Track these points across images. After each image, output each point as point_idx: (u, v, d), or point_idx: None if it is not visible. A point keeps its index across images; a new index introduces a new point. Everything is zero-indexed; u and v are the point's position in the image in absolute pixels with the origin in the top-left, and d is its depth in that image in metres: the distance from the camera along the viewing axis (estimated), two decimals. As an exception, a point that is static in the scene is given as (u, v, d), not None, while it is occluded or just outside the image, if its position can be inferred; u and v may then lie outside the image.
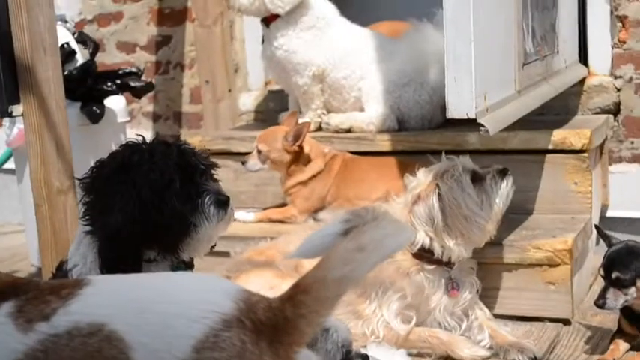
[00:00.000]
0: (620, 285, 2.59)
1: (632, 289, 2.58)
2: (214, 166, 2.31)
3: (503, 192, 2.89)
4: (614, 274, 2.59)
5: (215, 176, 2.31)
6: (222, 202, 2.23)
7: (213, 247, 2.37)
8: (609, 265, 2.62)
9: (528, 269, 3.07)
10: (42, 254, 3.19)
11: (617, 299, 2.60)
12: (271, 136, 3.62)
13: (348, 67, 3.89)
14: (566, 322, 3.03)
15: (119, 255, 2.12)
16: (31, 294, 1.54)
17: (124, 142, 2.30)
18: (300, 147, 3.57)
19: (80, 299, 1.50)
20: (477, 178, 2.88)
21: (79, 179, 2.27)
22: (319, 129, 3.91)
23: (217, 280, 1.60)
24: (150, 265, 2.19)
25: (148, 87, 4.20)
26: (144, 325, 1.43)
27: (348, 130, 3.84)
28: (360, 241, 1.43)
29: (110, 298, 1.51)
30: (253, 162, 3.60)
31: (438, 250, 2.83)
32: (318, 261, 1.45)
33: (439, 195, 2.82)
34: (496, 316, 2.99)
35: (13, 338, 1.49)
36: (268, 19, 3.92)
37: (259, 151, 3.58)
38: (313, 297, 1.42)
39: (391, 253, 1.49)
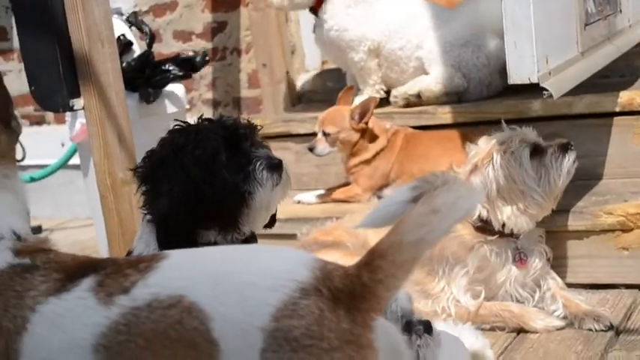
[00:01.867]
0: None
1: None
2: (257, 128, 2.29)
3: (564, 168, 2.85)
4: None
5: (261, 141, 2.29)
6: (275, 166, 2.21)
7: (272, 224, 2.37)
8: None
9: (600, 235, 3.03)
10: (110, 245, 3.26)
11: None
12: (338, 116, 3.61)
13: (403, 37, 3.88)
14: None
15: (174, 239, 2.12)
16: (109, 269, 1.56)
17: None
18: (367, 124, 3.57)
19: (158, 272, 1.52)
20: (537, 152, 2.85)
21: (132, 169, 2.30)
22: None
23: (292, 250, 1.62)
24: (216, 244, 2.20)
25: (203, 58, 4.15)
26: (222, 295, 1.45)
27: (418, 96, 3.81)
28: (434, 204, 1.43)
29: (188, 270, 1.53)
30: (322, 146, 3.60)
31: (495, 222, 2.82)
32: (393, 226, 1.45)
33: (493, 167, 2.80)
34: (569, 285, 2.97)
35: (96, 312, 1.51)
36: (315, 7, 3.94)
37: (326, 134, 3.58)
38: (390, 261, 1.42)
39: (465, 215, 1.49)
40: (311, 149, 3.61)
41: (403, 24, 3.89)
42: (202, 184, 2.14)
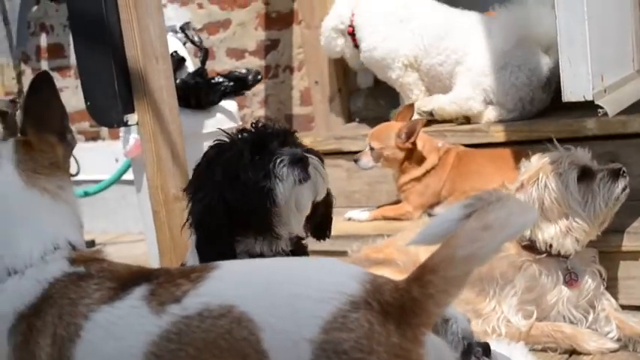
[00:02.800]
0: None
1: None
2: (289, 131, 2.28)
3: (613, 194, 2.79)
4: None
5: (297, 141, 2.28)
6: (296, 160, 2.17)
7: (327, 234, 2.37)
8: None
9: (656, 256, 2.98)
10: (161, 259, 3.30)
11: None
12: (384, 132, 3.61)
13: (442, 52, 3.88)
14: None
15: (212, 246, 2.16)
16: (162, 278, 1.59)
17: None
18: (414, 144, 3.56)
19: (209, 282, 1.54)
20: (586, 175, 2.80)
21: (184, 189, 2.35)
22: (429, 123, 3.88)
23: (342, 263, 1.62)
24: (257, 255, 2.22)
25: (256, 75, 4.21)
26: (272, 306, 1.46)
27: (431, 114, 3.85)
28: (486, 220, 1.44)
29: (238, 281, 1.55)
30: (366, 159, 3.60)
31: (538, 242, 2.79)
32: (444, 241, 1.46)
33: (538, 186, 2.77)
34: (623, 307, 2.92)
35: (148, 320, 1.53)
36: (349, 32, 4.01)
37: (372, 149, 3.58)
38: (441, 276, 1.42)
39: (517, 232, 1.50)
40: (356, 161, 3.62)
41: (441, 37, 3.87)
42: (226, 187, 2.16)
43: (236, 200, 2.17)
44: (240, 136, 2.26)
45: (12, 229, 1.71)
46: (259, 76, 4.26)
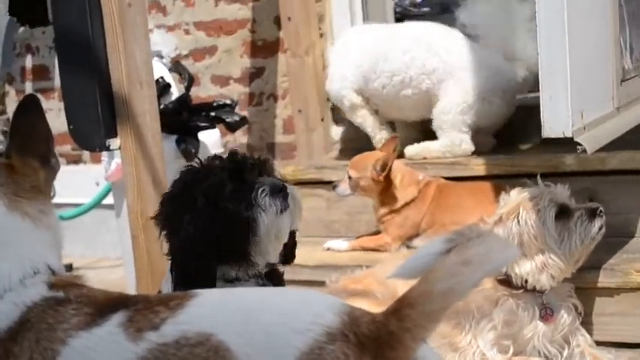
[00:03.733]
0: None
1: None
2: (266, 161, 2.29)
3: (589, 233, 2.81)
4: None
5: (273, 172, 2.29)
6: (278, 190, 2.18)
7: (291, 260, 2.35)
8: None
9: (631, 294, 2.99)
10: (138, 284, 3.28)
11: None
12: (362, 163, 3.63)
13: (382, 74, 3.93)
14: None
15: (191, 275, 2.15)
16: (140, 305, 1.58)
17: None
18: (388, 177, 3.57)
19: (188, 310, 1.53)
20: (563, 213, 2.81)
21: (152, 217, 2.32)
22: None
23: (320, 294, 1.63)
24: (234, 285, 2.21)
25: (242, 121, 4.30)
26: (249, 335, 1.45)
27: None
28: (466, 255, 1.44)
29: (217, 310, 1.54)
30: (344, 187, 3.62)
31: (514, 277, 2.79)
32: (423, 275, 1.45)
33: (518, 222, 2.78)
34: (598, 343, 2.92)
35: (124, 347, 1.52)
36: None
37: (350, 177, 3.60)
38: (419, 310, 1.42)
39: (497, 268, 1.53)
40: (334, 187, 3.64)
41: (378, 61, 3.96)
42: (206, 217, 2.15)
43: (217, 231, 2.17)
44: (216, 163, 2.26)
45: None
46: (245, 123, 4.35)
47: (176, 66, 4.46)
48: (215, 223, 2.16)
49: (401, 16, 5.70)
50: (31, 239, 1.71)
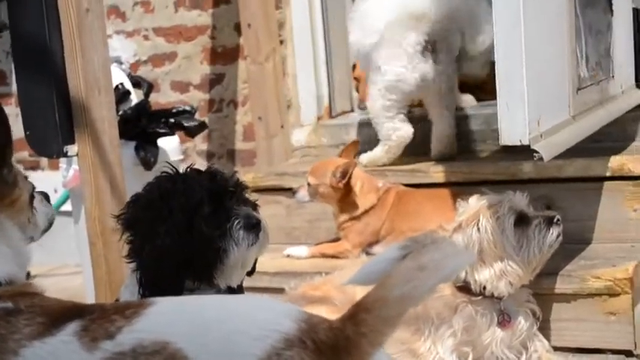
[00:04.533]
0: None
1: None
2: (244, 188, 2.32)
3: (546, 242, 2.84)
4: None
5: (248, 198, 2.30)
6: (252, 226, 2.22)
7: (251, 273, 2.37)
8: None
9: (587, 299, 3.02)
10: (96, 292, 3.26)
11: None
12: (321, 169, 3.64)
13: None
14: (628, 354, 2.97)
15: (160, 286, 2.14)
16: (95, 314, 1.57)
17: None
18: (348, 184, 3.57)
19: (144, 318, 1.52)
20: (522, 221, 2.85)
21: (116, 216, 2.30)
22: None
23: (278, 301, 1.65)
24: (193, 294, 2.19)
25: (201, 127, 4.29)
26: (207, 343, 1.45)
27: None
28: (421, 261, 1.46)
29: (174, 318, 1.54)
30: (303, 193, 3.63)
31: (473, 284, 2.81)
32: (380, 281, 1.47)
33: (478, 229, 2.80)
34: (555, 348, 2.95)
35: (79, 357, 1.51)
36: None
37: (309, 184, 3.61)
38: (375, 315, 1.43)
39: (451, 274, 1.52)
40: (294, 193, 3.65)
41: None
42: (182, 231, 2.15)
43: (188, 248, 2.17)
44: (197, 179, 2.25)
45: None
46: (204, 128, 4.33)
47: (134, 78, 4.44)
48: (188, 240, 2.16)
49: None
50: None
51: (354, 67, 4.70)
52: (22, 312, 1.60)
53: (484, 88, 4.21)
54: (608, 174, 3.34)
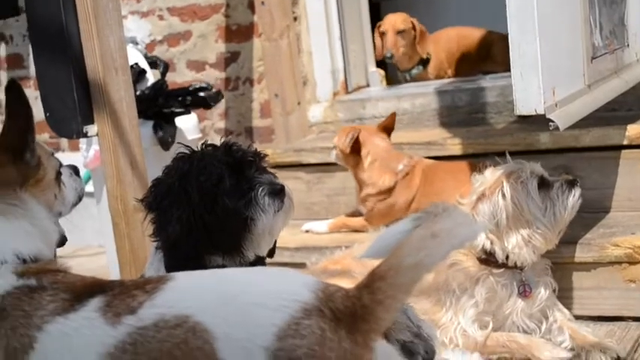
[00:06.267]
0: None
1: None
2: (263, 156, 2.30)
3: (569, 203, 2.85)
4: None
5: (267, 168, 2.29)
6: (277, 191, 2.21)
7: (272, 254, 2.37)
8: None
9: (607, 268, 3.02)
10: (121, 271, 3.28)
11: None
12: (342, 132, 3.65)
13: None
14: None
15: (182, 265, 2.11)
16: (117, 290, 1.59)
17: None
18: (358, 154, 3.56)
19: (165, 293, 1.55)
20: (544, 185, 2.85)
21: (139, 200, 2.32)
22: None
23: (295, 272, 1.65)
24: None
25: (217, 96, 4.29)
26: (227, 315, 1.47)
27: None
28: (433, 229, 1.47)
29: (194, 291, 1.56)
30: (334, 152, 3.65)
31: (499, 254, 2.82)
32: (393, 250, 1.48)
33: (503, 194, 2.80)
34: (576, 317, 2.96)
35: (103, 332, 1.53)
36: None
37: (336, 148, 3.63)
38: (389, 283, 1.44)
39: (463, 242, 1.53)
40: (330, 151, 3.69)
41: None
42: (205, 212, 2.15)
43: (214, 225, 2.16)
44: (214, 155, 2.24)
45: None
46: (220, 97, 4.31)
47: (150, 57, 4.45)
48: (212, 217, 2.16)
49: (376, 0, 5.73)
50: (4, 233, 1.72)
51: (378, 26, 4.71)
52: (46, 289, 1.62)
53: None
54: (625, 142, 3.34)
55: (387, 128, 3.66)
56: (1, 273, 1.65)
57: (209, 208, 2.16)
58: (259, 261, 2.31)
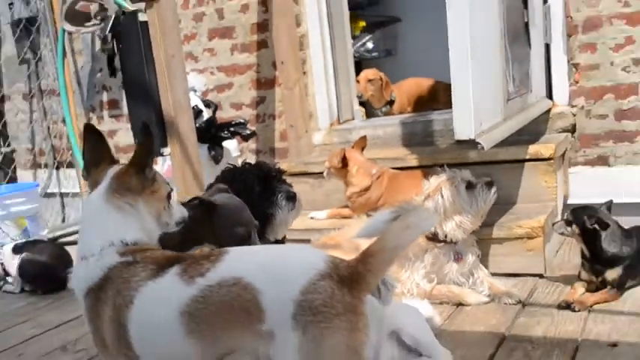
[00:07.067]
0: (567, 223, 2.68)
1: (570, 229, 2.68)
2: (283, 172, 2.32)
3: (488, 198, 2.84)
4: (566, 216, 2.70)
5: (286, 180, 2.29)
6: (291, 197, 2.24)
7: (282, 241, 2.35)
8: (570, 212, 2.72)
9: (514, 241, 3.04)
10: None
11: (562, 229, 2.71)
12: (331, 155, 3.64)
13: None
14: (540, 276, 2.99)
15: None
16: (189, 260, 1.55)
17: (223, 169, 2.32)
18: (345, 166, 3.53)
19: (224, 262, 1.51)
20: (470, 186, 2.83)
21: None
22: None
23: (315, 249, 1.63)
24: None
25: (252, 134, 4.31)
26: (267, 277, 1.44)
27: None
28: (406, 222, 1.45)
29: (244, 260, 1.52)
30: (326, 171, 3.65)
31: (440, 234, 2.81)
32: (379, 236, 1.45)
33: (442, 195, 2.80)
34: (492, 274, 2.96)
35: (181, 289, 1.50)
36: None
37: (327, 168, 3.63)
38: (377, 259, 1.43)
39: (426, 230, 1.52)
40: (324, 172, 3.65)
41: None
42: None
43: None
44: (250, 170, 2.26)
45: (88, 229, 1.68)
46: (254, 135, 4.35)
47: (204, 101, 4.47)
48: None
49: (359, 60, 5.67)
50: (114, 222, 1.66)
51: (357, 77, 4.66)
52: (139, 262, 1.58)
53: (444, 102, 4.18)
54: (527, 157, 3.34)
55: (361, 146, 3.66)
56: (109, 252, 1.62)
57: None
58: (277, 243, 2.32)
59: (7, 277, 3.80)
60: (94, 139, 1.73)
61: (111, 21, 3.80)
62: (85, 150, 1.74)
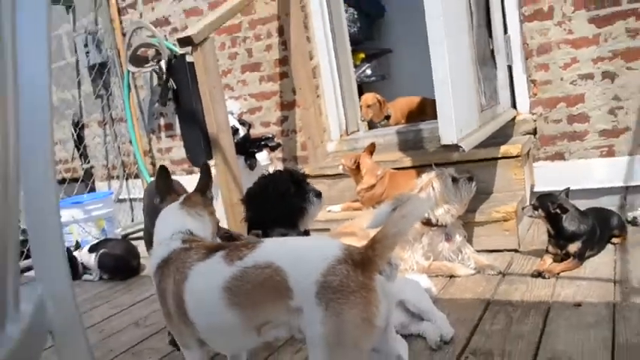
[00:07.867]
0: (534, 207, 2.63)
1: (537, 212, 2.64)
2: (307, 176, 2.35)
3: (470, 189, 2.84)
4: (533, 202, 2.65)
5: (310, 182, 2.31)
6: (318, 194, 2.26)
7: (307, 232, 2.35)
8: (536, 199, 2.68)
9: (493, 224, 3.03)
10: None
11: (530, 213, 2.66)
12: (347, 157, 3.63)
13: None
14: (515, 251, 2.98)
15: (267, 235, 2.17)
16: (231, 247, 1.57)
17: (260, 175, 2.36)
18: (358, 168, 3.54)
19: (259, 249, 1.51)
20: (455, 180, 2.84)
21: (241, 199, 2.37)
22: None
23: (333, 240, 1.63)
24: (287, 235, 2.24)
25: (278, 145, 4.25)
26: (295, 262, 1.43)
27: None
28: (403, 211, 1.42)
29: (276, 248, 1.51)
30: (341, 167, 3.64)
31: (433, 219, 2.81)
32: (383, 225, 1.44)
33: (433, 188, 2.80)
34: (477, 250, 2.96)
35: (224, 269, 1.51)
36: None
37: (343, 165, 3.62)
38: (382, 244, 1.41)
39: (420, 217, 1.49)
40: (342, 168, 3.64)
41: None
42: (279, 205, 2.18)
43: (284, 212, 2.21)
44: (284, 176, 2.29)
45: (165, 224, 1.71)
46: (279, 145, 4.31)
47: (240, 121, 4.48)
48: (284, 209, 2.20)
49: (360, 83, 5.68)
50: (185, 222, 1.70)
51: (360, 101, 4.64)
52: (192, 248, 1.60)
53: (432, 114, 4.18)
54: (499, 155, 3.33)
55: (371, 152, 3.66)
56: (176, 238, 1.65)
57: (281, 204, 2.19)
58: (305, 233, 2.34)
59: (86, 270, 3.93)
60: (164, 175, 1.83)
61: (165, 63, 3.83)
62: (158, 183, 1.83)
